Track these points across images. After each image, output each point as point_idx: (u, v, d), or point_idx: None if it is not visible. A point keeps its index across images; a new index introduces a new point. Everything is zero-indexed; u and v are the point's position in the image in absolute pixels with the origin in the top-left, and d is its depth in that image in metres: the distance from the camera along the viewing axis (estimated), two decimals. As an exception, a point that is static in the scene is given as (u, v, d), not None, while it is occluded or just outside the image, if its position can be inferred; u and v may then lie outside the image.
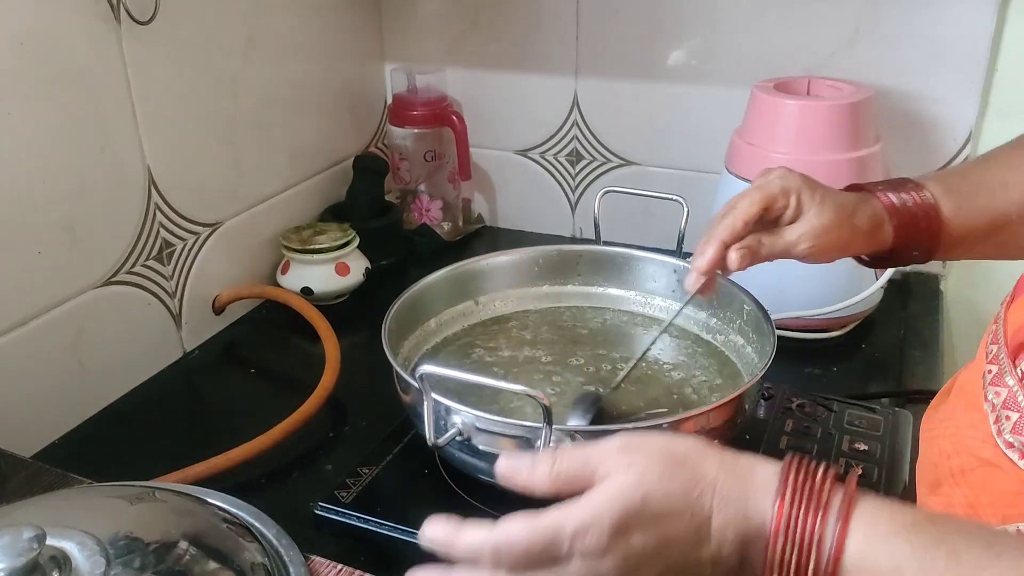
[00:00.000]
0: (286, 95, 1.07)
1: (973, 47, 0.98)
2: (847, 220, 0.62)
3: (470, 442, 0.56)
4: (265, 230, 1.06)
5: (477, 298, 0.80)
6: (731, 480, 0.41)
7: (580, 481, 0.42)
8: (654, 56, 1.11)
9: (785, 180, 0.62)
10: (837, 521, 0.39)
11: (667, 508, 0.40)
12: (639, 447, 0.43)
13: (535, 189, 1.25)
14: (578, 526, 0.40)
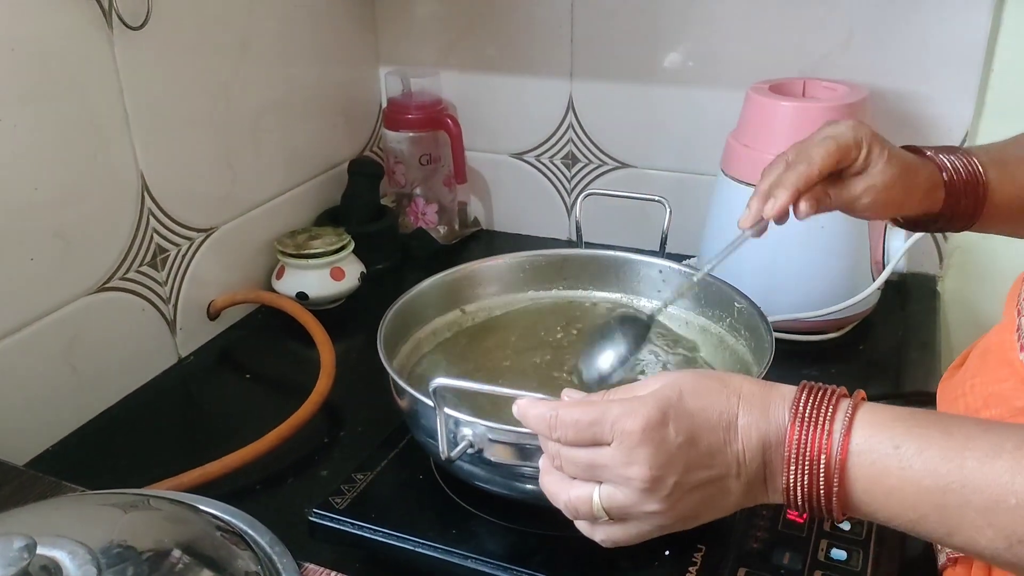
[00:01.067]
0: (280, 99, 1.07)
1: (969, 48, 0.98)
2: (911, 178, 0.62)
3: (482, 454, 0.56)
4: (260, 235, 1.06)
5: (464, 306, 0.80)
6: (755, 388, 0.46)
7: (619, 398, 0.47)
8: (649, 58, 1.11)
9: (858, 131, 0.62)
10: (845, 416, 0.43)
11: (699, 405, 0.45)
12: (676, 372, 0.49)
13: (531, 192, 1.25)
14: (620, 412, 0.45)
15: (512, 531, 0.61)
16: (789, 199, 0.60)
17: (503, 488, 0.59)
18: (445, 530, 0.61)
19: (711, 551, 0.59)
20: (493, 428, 0.55)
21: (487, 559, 0.58)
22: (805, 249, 0.92)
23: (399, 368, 0.71)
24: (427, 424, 0.60)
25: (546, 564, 0.58)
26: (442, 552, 0.59)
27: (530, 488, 0.58)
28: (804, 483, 0.44)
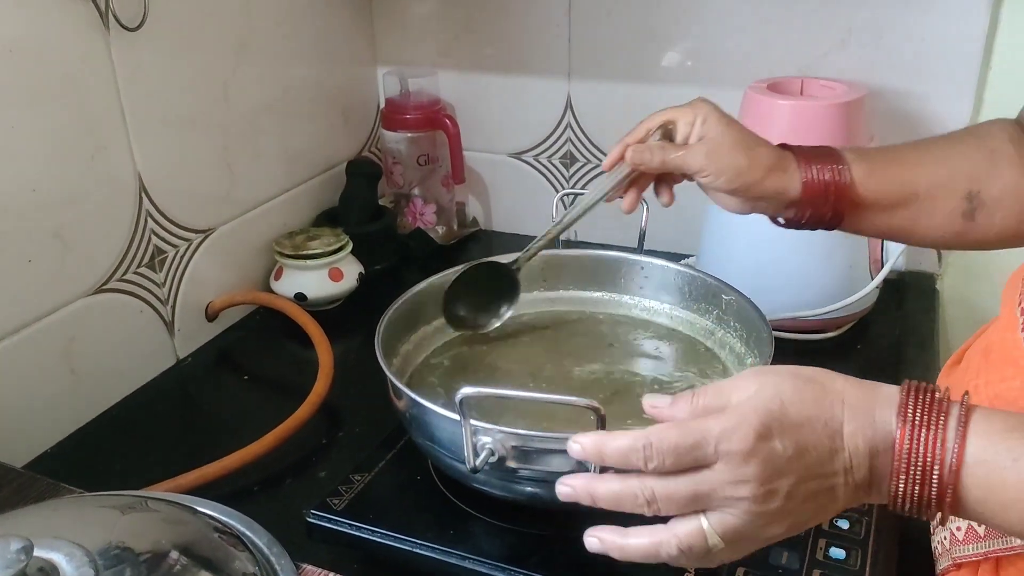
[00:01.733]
0: (278, 100, 1.07)
1: (967, 46, 0.98)
2: (747, 150, 0.65)
3: (504, 462, 0.55)
4: (258, 236, 1.06)
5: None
6: (858, 392, 0.44)
7: (717, 409, 0.45)
8: (647, 57, 1.11)
9: (696, 104, 0.68)
10: (958, 424, 0.42)
11: (803, 415, 0.43)
12: (768, 370, 0.46)
13: (529, 192, 1.25)
14: (724, 430, 0.43)
15: (509, 531, 0.61)
16: (620, 150, 0.69)
17: (518, 494, 0.59)
18: (443, 531, 0.61)
19: (709, 551, 0.58)
20: (524, 435, 0.55)
21: (485, 559, 0.58)
22: (803, 249, 0.92)
23: (398, 371, 0.71)
24: (432, 430, 0.60)
25: (543, 564, 0.58)
26: (440, 553, 0.60)
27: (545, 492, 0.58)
28: (915, 492, 0.42)
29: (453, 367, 0.75)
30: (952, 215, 0.66)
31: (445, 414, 0.56)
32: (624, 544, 0.46)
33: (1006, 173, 0.64)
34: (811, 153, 0.66)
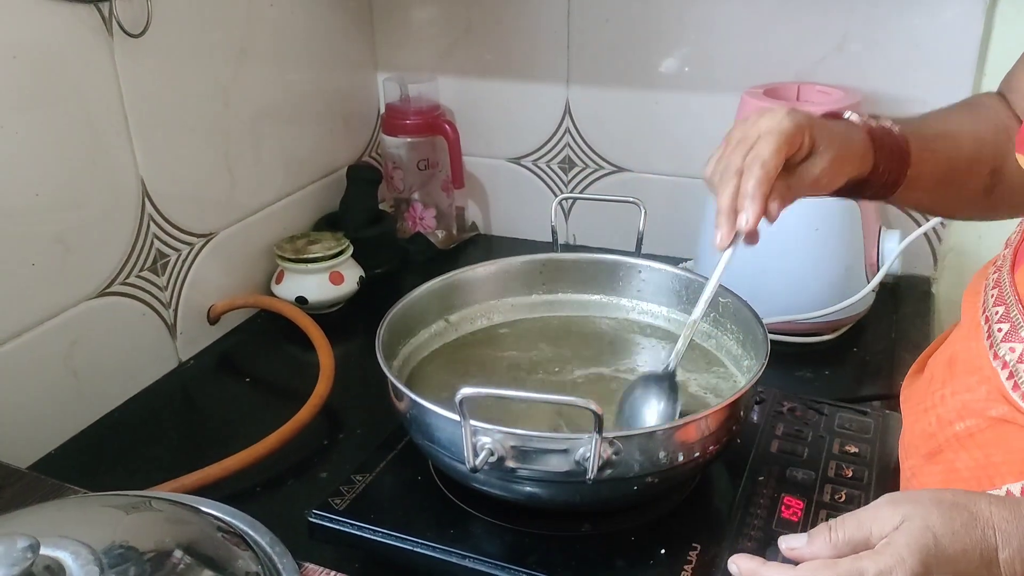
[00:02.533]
0: (279, 105, 1.08)
1: (961, 51, 0.99)
2: (849, 147, 0.61)
3: (504, 462, 0.56)
4: (259, 240, 1.07)
5: (448, 316, 0.80)
6: (1005, 514, 0.43)
7: (858, 543, 0.44)
8: (645, 63, 1.12)
9: (795, 118, 0.58)
10: None
11: (958, 548, 0.42)
12: (908, 499, 0.45)
13: (528, 196, 1.26)
14: (880, 570, 0.42)
15: (509, 531, 0.62)
16: (761, 208, 0.57)
17: (517, 494, 0.60)
18: (443, 530, 0.62)
19: (706, 549, 0.59)
20: (522, 435, 0.55)
21: (484, 558, 0.59)
22: (799, 252, 0.93)
23: (398, 372, 0.72)
24: (432, 431, 0.60)
25: (543, 563, 0.59)
26: (440, 552, 0.60)
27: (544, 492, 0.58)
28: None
29: (454, 369, 0.75)
30: (977, 190, 0.66)
31: (445, 414, 0.57)
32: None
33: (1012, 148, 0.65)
34: (880, 131, 0.63)
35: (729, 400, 0.59)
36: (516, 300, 0.82)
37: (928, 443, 0.57)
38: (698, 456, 0.60)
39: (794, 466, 0.68)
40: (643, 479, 0.58)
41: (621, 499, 0.61)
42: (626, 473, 0.57)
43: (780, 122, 0.58)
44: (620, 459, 0.56)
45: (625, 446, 0.55)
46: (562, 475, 0.56)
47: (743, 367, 0.72)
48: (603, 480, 0.56)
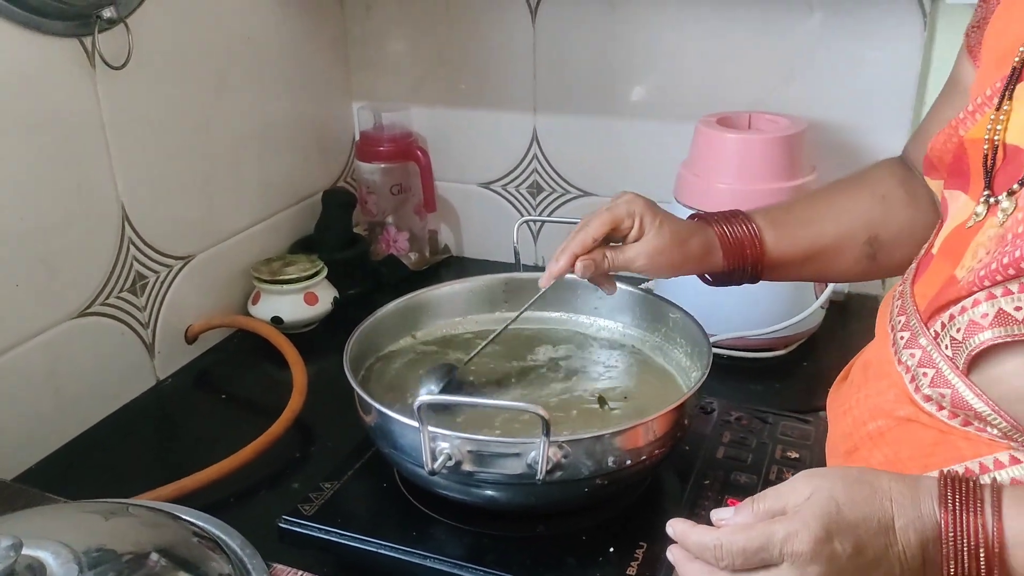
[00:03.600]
0: (257, 132, 1.12)
1: (902, 82, 1.05)
2: (680, 245, 0.72)
3: (461, 466, 0.60)
4: (236, 262, 1.11)
5: (415, 333, 0.85)
6: (902, 488, 0.49)
7: (776, 512, 0.50)
8: (608, 93, 1.18)
9: (631, 205, 0.73)
10: (993, 509, 0.46)
11: (858, 515, 0.48)
12: (818, 474, 0.51)
13: (498, 220, 1.31)
14: (788, 533, 0.47)
15: (468, 532, 0.65)
16: (568, 262, 0.71)
17: (475, 497, 0.64)
18: (406, 533, 0.66)
19: (651, 547, 0.63)
20: (477, 440, 0.60)
21: (445, 558, 0.63)
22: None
23: (365, 384, 0.76)
24: (395, 438, 0.64)
25: (500, 562, 0.63)
26: (403, 553, 0.64)
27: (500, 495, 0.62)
28: (966, 573, 0.46)
29: (419, 383, 0.79)
30: (857, 259, 0.75)
31: (407, 422, 0.61)
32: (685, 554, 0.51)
33: (900, 215, 0.73)
34: (730, 231, 0.74)
35: (671, 407, 0.64)
36: (480, 317, 0.87)
37: (846, 442, 0.62)
38: (644, 459, 0.64)
39: (738, 470, 0.72)
40: (592, 481, 0.62)
41: (573, 500, 0.65)
42: (575, 475, 0.61)
43: (617, 204, 0.73)
44: (569, 462, 0.60)
45: (573, 449, 0.59)
46: (515, 477, 0.60)
47: (691, 377, 0.76)
48: (554, 482, 0.60)
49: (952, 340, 0.53)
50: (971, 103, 0.61)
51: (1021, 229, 0.51)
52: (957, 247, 0.58)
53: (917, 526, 0.47)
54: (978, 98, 0.60)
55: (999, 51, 0.60)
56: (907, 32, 1.02)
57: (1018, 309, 0.50)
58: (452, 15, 1.22)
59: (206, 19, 1.01)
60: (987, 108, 0.59)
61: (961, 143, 0.61)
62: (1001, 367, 0.52)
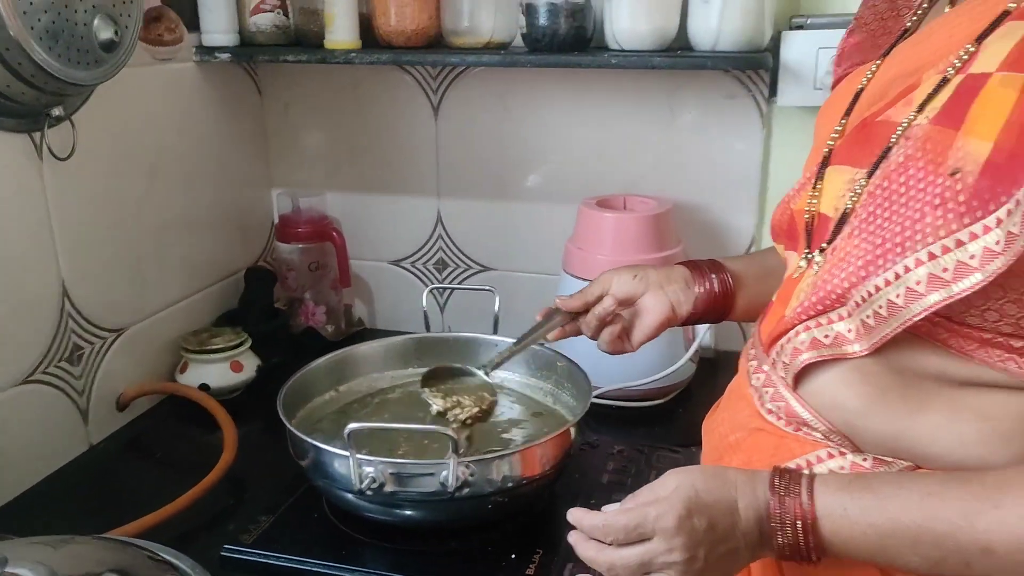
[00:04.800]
0: (185, 216, 1.23)
1: (748, 170, 1.25)
2: (676, 309, 0.87)
3: (383, 487, 0.72)
4: (165, 334, 1.19)
5: (338, 387, 0.97)
6: (745, 478, 0.62)
7: (650, 502, 0.62)
8: (504, 179, 1.34)
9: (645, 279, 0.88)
10: (808, 492, 0.59)
11: (712, 499, 0.60)
12: (684, 470, 0.63)
13: (407, 294, 1.44)
14: (658, 513, 0.60)
15: (390, 550, 0.76)
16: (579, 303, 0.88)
17: (396, 517, 0.75)
18: (337, 553, 0.76)
19: (546, 553, 0.76)
20: (397, 463, 0.71)
21: (372, 571, 0.73)
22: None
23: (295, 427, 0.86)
24: (326, 468, 0.75)
25: (419, 573, 0.73)
26: (335, 570, 0.74)
27: (418, 514, 0.73)
28: (791, 542, 0.59)
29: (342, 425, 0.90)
30: None
31: (336, 451, 0.72)
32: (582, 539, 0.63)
33: None
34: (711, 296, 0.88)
35: (557, 432, 0.77)
36: (395, 372, 0.99)
37: (714, 453, 0.76)
38: (538, 478, 0.77)
39: (619, 492, 0.85)
40: (494, 497, 0.74)
41: (479, 516, 0.77)
42: (480, 491, 0.73)
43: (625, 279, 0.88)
44: (475, 479, 0.72)
45: (478, 468, 0.72)
46: (430, 494, 0.72)
47: (577, 414, 0.90)
48: (463, 498, 0.72)
49: (783, 364, 0.69)
50: (799, 181, 0.78)
51: (825, 277, 0.66)
52: (787, 294, 0.73)
53: (754, 506, 0.61)
54: (804, 176, 0.77)
55: (819, 138, 0.77)
56: (749, 130, 1.23)
57: (826, 336, 0.65)
58: (363, 111, 1.37)
59: (141, 115, 1.13)
60: (808, 185, 0.75)
61: (792, 213, 0.77)
62: (817, 382, 0.67)
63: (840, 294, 0.63)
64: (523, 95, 1.30)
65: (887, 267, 0.58)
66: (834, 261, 0.64)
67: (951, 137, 0.56)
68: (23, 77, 0.86)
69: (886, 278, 0.59)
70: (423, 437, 0.87)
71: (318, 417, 0.92)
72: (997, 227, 0.53)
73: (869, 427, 0.64)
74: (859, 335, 0.62)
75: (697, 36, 1.12)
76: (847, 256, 0.62)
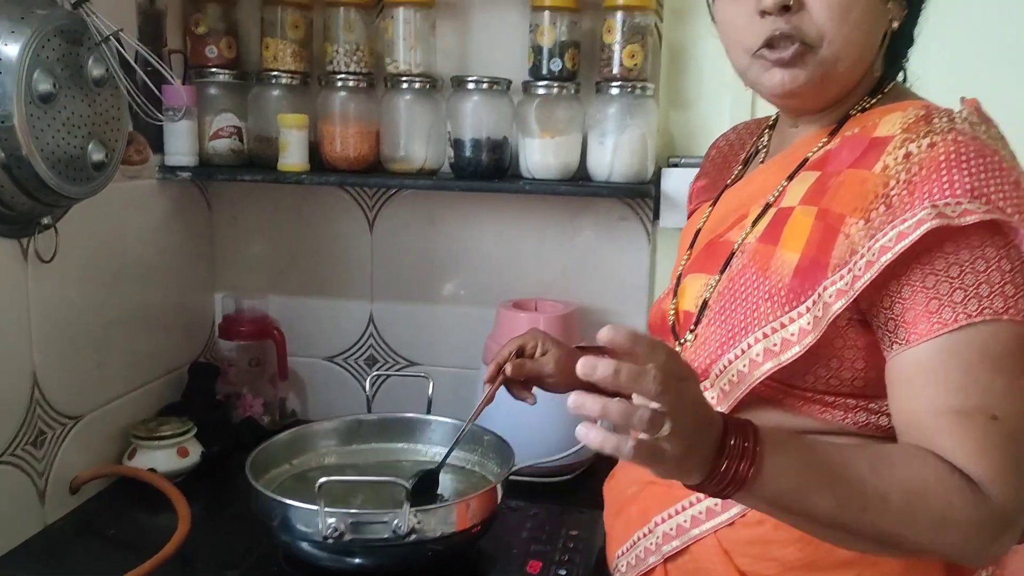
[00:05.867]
0: (139, 314, 1.35)
1: (638, 279, 1.48)
2: (574, 355, 1.01)
3: (343, 536, 0.85)
4: (117, 422, 1.30)
5: (292, 461, 1.10)
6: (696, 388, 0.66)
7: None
8: (430, 284, 1.53)
9: (534, 333, 1.06)
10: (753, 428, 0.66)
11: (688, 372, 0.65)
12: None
13: (340, 387, 1.58)
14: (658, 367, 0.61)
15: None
16: (496, 368, 1.04)
17: (349, 566, 0.88)
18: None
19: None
20: (357, 513, 0.85)
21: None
22: (543, 411, 1.31)
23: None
24: (295, 522, 0.88)
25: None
26: (296, 613, 0.86)
27: (372, 562, 0.86)
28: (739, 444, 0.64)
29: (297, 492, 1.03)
30: None
31: (305, 506, 0.86)
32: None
33: None
34: None
35: (486, 488, 0.93)
36: (340, 449, 1.13)
37: (615, 507, 0.93)
38: (469, 528, 0.92)
39: (537, 543, 1.01)
40: (433, 545, 0.89)
41: (420, 562, 0.91)
42: (424, 537, 0.88)
43: (523, 335, 1.06)
44: (421, 527, 0.87)
45: (423, 516, 0.87)
46: (383, 540, 0.86)
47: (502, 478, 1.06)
48: (410, 543, 0.87)
49: None
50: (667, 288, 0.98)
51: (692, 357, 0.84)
52: None
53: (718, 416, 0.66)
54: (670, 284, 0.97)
55: (679, 255, 0.99)
56: (638, 246, 1.47)
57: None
58: (305, 224, 1.54)
59: (110, 225, 1.27)
60: (672, 290, 0.95)
61: (662, 312, 0.97)
62: None
63: (704, 368, 0.83)
64: (449, 213, 1.50)
65: (736, 345, 0.79)
66: (698, 344, 0.84)
67: (772, 251, 0.79)
68: (27, 190, 1.00)
69: (735, 353, 0.79)
70: (374, 490, 1.01)
71: (276, 484, 1.04)
72: (807, 313, 0.75)
73: None
74: (719, 400, 0.82)
75: (595, 169, 1.36)
76: (707, 340, 0.83)
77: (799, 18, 0.78)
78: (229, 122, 1.41)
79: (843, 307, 0.73)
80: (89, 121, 1.05)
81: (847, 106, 0.84)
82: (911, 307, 0.72)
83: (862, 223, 0.74)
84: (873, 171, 0.76)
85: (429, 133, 1.37)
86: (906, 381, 0.73)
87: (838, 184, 0.78)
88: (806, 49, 0.78)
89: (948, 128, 0.74)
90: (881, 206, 0.73)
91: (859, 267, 0.73)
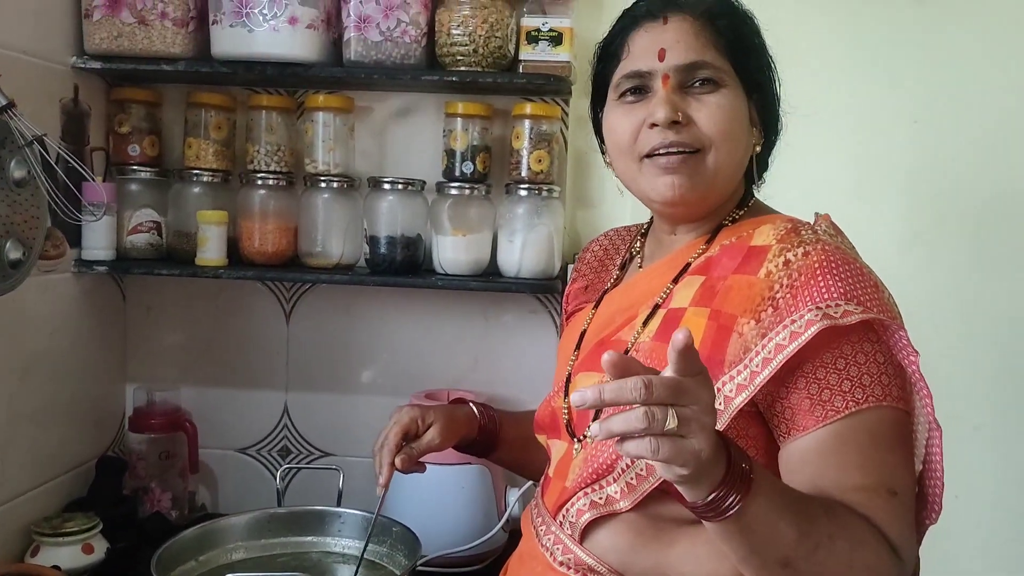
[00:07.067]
0: (45, 409, 1.34)
1: (548, 369, 1.50)
2: (454, 419, 1.09)
3: None
4: (19, 520, 1.27)
5: (199, 557, 1.11)
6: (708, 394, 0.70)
7: None
8: (345, 375, 1.56)
9: (412, 412, 1.08)
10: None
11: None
12: None
13: (251, 479, 1.57)
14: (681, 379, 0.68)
15: None
16: (390, 466, 1.04)
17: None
18: None
19: None
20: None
21: None
22: (452, 504, 1.34)
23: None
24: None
25: None
26: None
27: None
28: (735, 464, 0.69)
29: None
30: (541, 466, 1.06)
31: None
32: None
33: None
34: (483, 416, 1.13)
35: (395, 578, 0.95)
36: (249, 543, 1.13)
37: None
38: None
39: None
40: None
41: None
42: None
43: (402, 416, 1.07)
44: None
45: None
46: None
47: (410, 571, 1.08)
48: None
49: (570, 523, 0.90)
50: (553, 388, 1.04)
51: (594, 454, 0.88)
52: (563, 471, 0.94)
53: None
54: (555, 385, 1.01)
55: (563, 356, 1.02)
56: (547, 337, 1.53)
57: (600, 498, 0.87)
58: (221, 316, 1.56)
59: (22, 319, 1.27)
60: (560, 391, 0.98)
61: (553, 410, 1.01)
62: (597, 535, 0.88)
63: (608, 465, 0.87)
64: (365, 306, 1.55)
65: None
66: (600, 442, 0.89)
67: (666, 349, 0.86)
68: (-62, 287, 1.01)
69: None
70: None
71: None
72: None
73: (637, 562, 0.86)
74: (623, 494, 0.85)
75: (505, 265, 1.43)
76: None
77: (688, 131, 0.88)
78: (149, 217, 1.44)
79: (745, 401, 0.80)
80: (8, 220, 1.07)
81: (720, 217, 0.94)
82: (805, 397, 0.81)
83: (753, 323, 0.82)
84: (758, 276, 0.85)
85: (346, 230, 1.43)
86: (807, 464, 0.81)
87: (727, 288, 0.86)
88: (692, 156, 0.88)
89: (815, 239, 0.85)
90: (769, 308, 0.82)
91: (756, 364, 0.81)
